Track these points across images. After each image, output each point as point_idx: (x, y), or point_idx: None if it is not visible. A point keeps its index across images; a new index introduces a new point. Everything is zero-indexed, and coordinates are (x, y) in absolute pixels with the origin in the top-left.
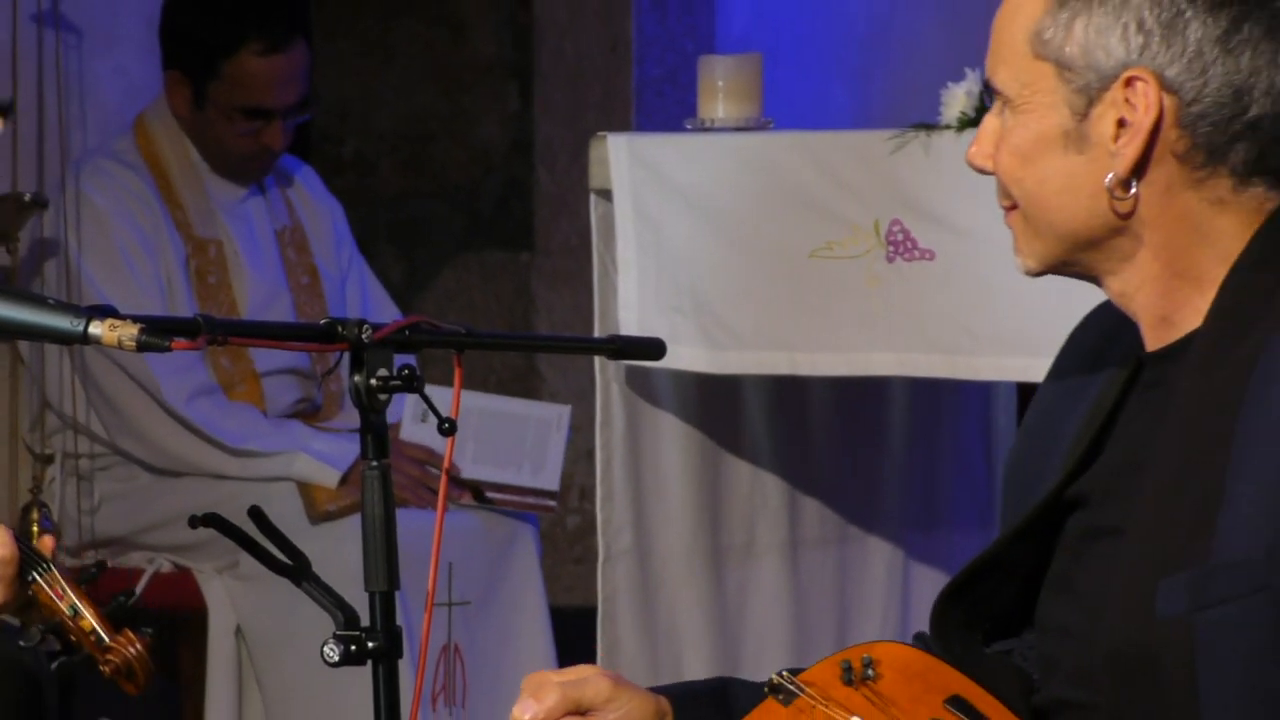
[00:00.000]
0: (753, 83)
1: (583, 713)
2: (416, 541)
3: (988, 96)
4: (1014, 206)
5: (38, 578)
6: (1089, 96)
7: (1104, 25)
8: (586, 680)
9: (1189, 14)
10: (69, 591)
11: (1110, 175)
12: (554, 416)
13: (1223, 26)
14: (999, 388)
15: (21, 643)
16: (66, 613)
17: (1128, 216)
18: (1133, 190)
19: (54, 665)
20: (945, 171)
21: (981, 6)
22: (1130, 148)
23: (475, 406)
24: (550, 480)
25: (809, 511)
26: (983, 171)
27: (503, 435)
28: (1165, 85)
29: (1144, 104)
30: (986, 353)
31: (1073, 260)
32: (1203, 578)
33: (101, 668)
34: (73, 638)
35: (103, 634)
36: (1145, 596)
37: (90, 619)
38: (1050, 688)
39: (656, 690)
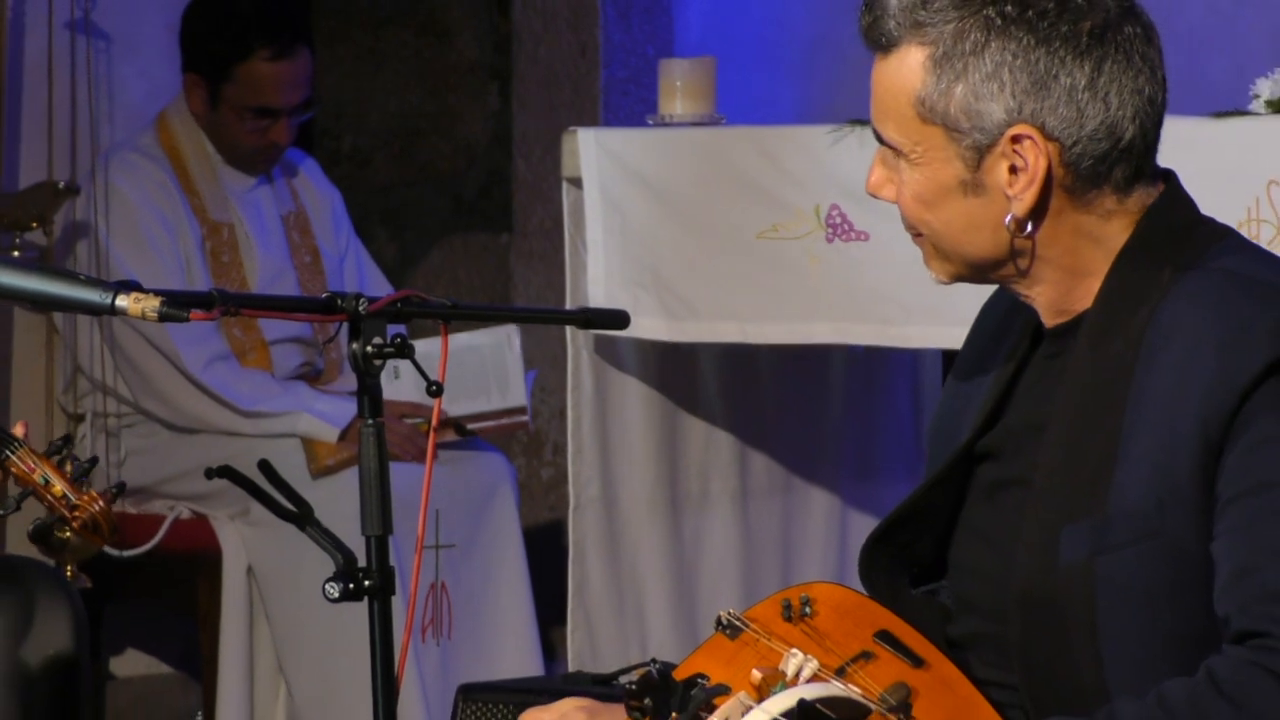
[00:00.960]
0: (707, 83)
1: None
2: (407, 491)
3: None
4: (918, 234)
5: (10, 454)
6: (979, 151)
7: (981, 90)
8: (566, 715)
9: (1056, 69)
10: (40, 464)
11: (1009, 216)
12: (503, 337)
13: (1087, 74)
14: (926, 354)
15: (0, 512)
16: (39, 482)
17: (1030, 242)
18: (1028, 229)
19: (30, 527)
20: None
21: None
22: (1028, 194)
23: (429, 351)
24: (517, 398)
25: (757, 464)
26: (878, 198)
27: (463, 368)
28: (1047, 134)
29: (1032, 156)
30: (915, 323)
31: (979, 278)
32: (1101, 526)
33: (71, 524)
34: (47, 502)
35: (71, 496)
36: (1050, 543)
37: (60, 485)
38: (965, 623)
39: (618, 675)
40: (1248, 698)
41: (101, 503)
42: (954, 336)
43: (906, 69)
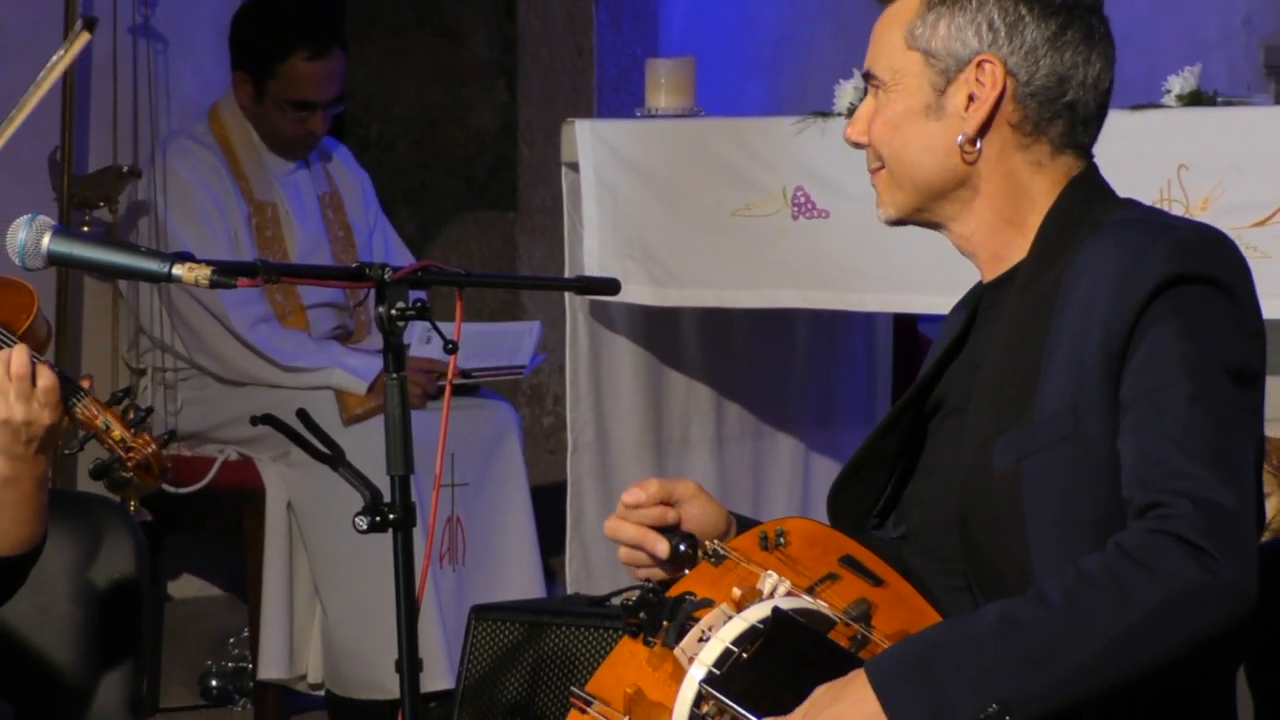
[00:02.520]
0: (687, 80)
1: (672, 504)
2: (426, 436)
3: (866, 85)
4: (881, 168)
5: (77, 402)
6: (947, 77)
7: (963, 24)
8: (680, 481)
9: (1027, 19)
10: (102, 411)
11: (961, 135)
12: (527, 328)
13: (1052, 30)
14: (879, 317)
15: (66, 451)
16: (100, 427)
17: (971, 168)
18: (978, 145)
19: (91, 466)
20: (838, 149)
21: (864, 21)
22: (979, 113)
23: (470, 331)
24: (522, 360)
25: (731, 413)
26: (857, 146)
27: (489, 344)
28: (1007, 70)
29: (991, 80)
30: (869, 290)
31: (925, 208)
32: (1026, 433)
33: (126, 464)
34: (107, 444)
35: (127, 439)
36: (984, 456)
37: (118, 429)
38: (917, 543)
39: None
40: (1153, 559)
41: (154, 446)
42: (904, 302)
43: (906, 6)
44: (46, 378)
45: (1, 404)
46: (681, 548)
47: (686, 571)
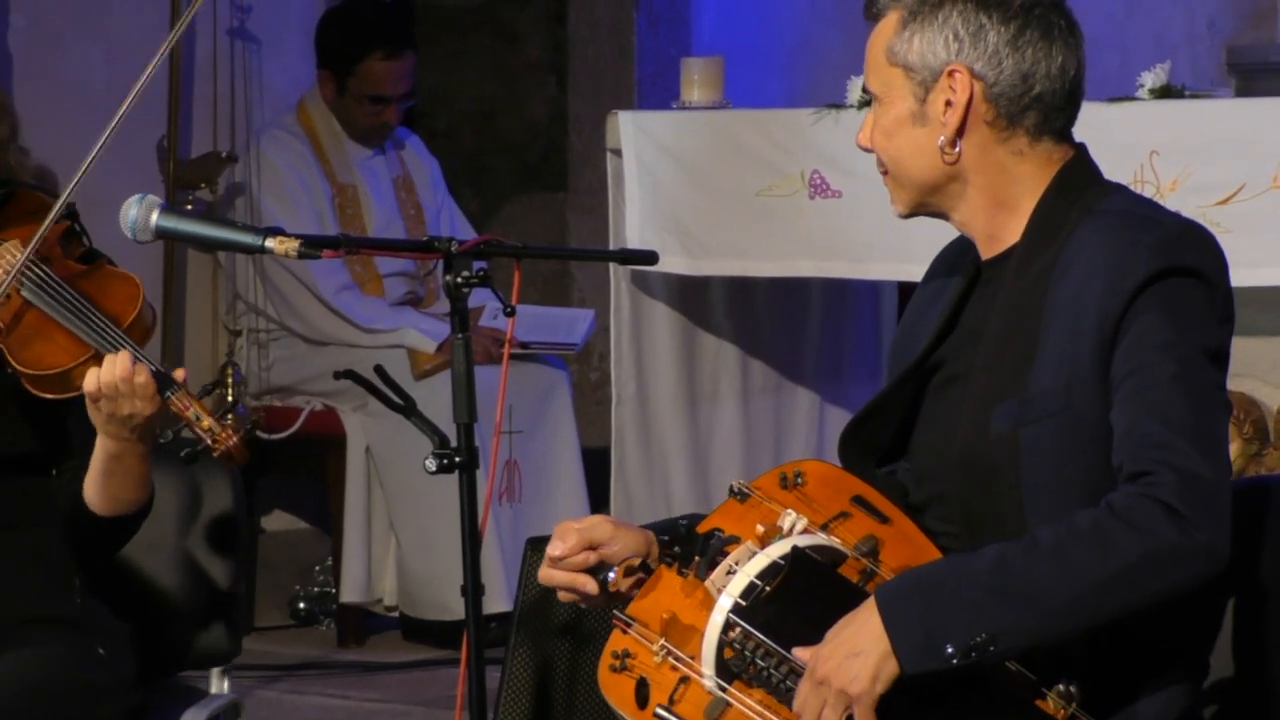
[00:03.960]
0: (717, 76)
1: (595, 548)
2: (487, 390)
3: (866, 96)
4: (887, 172)
5: (170, 395)
6: (926, 88)
7: (932, 38)
8: (595, 525)
9: (987, 26)
10: (193, 403)
11: (942, 137)
12: (584, 314)
13: (1011, 32)
14: (885, 285)
15: (160, 441)
16: (192, 418)
17: (956, 165)
18: (957, 147)
19: (182, 452)
20: (850, 137)
21: (870, 28)
22: (953, 117)
23: (534, 311)
24: (575, 339)
25: (755, 370)
26: (865, 149)
27: (548, 323)
28: (974, 75)
29: (961, 87)
30: (876, 261)
31: (926, 202)
32: (1024, 404)
33: (214, 451)
34: (196, 434)
35: (215, 429)
36: (983, 419)
37: (207, 420)
38: (920, 490)
39: (646, 527)
40: (1138, 519)
41: (236, 439)
42: (907, 271)
43: (886, 26)
44: (144, 375)
45: (109, 400)
46: (610, 575)
47: (617, 604)
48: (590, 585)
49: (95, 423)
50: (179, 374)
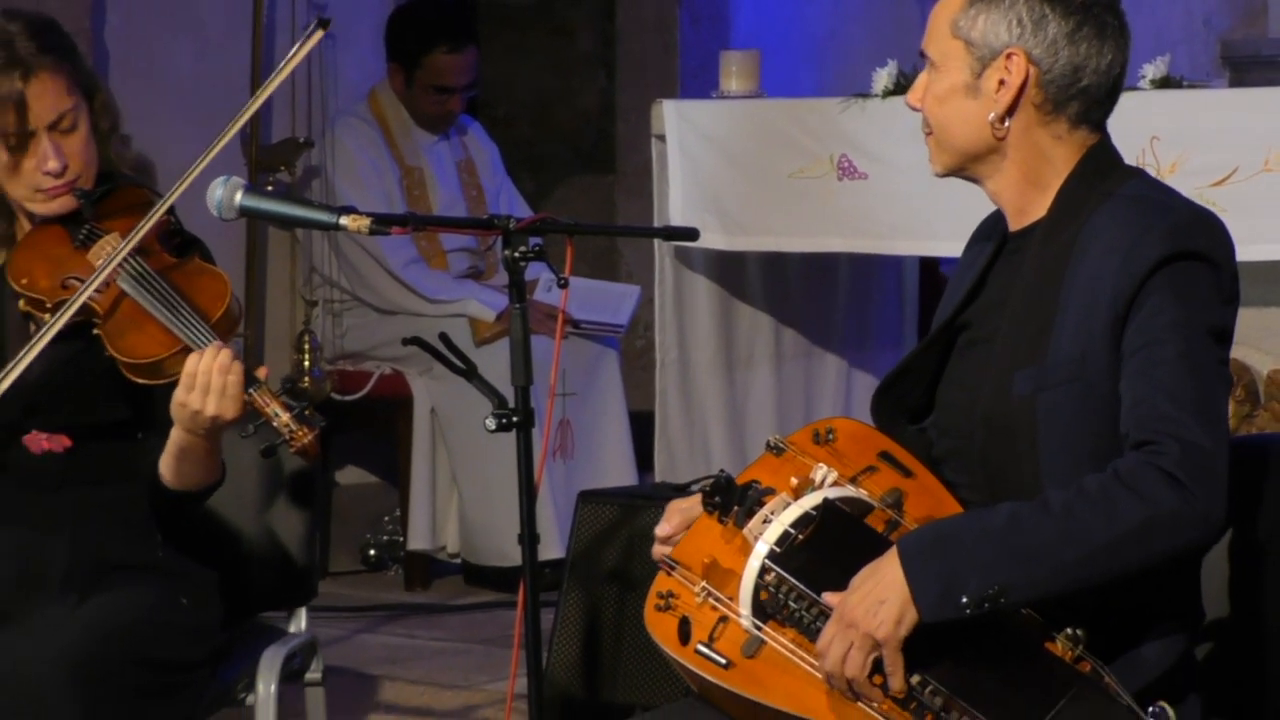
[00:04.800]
0: (753, 68)
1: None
2: (541, 356)
3: (920, 61)
4: (931, 133)
5: (253, 393)
6: (983, 64)
7: (996, 20)
8: (698, 504)
9: (1050, 17)
10: (272, 401)
11: (993, 113)
12: (630, 290)
13: (1070, 26)
14: (907, 260)
15: (241, 434)
16: (271, 415)
17: (1001, 141)
18: (1006, 124)
19: (262, 447)
20: (876, 124)
21: (895, 21)
22: (1006, 96)
23: (584, 285)
24: (622, 319)
25: (787, 337)
26: (914, 109)
27: (598, 298)
28: (1031, 60)
29: (1017, 70)
30: (899, 238)
31: (964, 167)
32: (1042, 371)
33: (290, 446)
34: (274, 429)
35: (293, 427)
36: (1004, 383)
37: (285, 417)
38: (943, 444)
39: None
40: (1141, 485)
41: (311, 436)
42: (928, 247)
43: (953, 1)
44: (236, 374)
45: (198, 397)
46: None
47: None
48: None
49: (175, 417)
50: (261, 372)
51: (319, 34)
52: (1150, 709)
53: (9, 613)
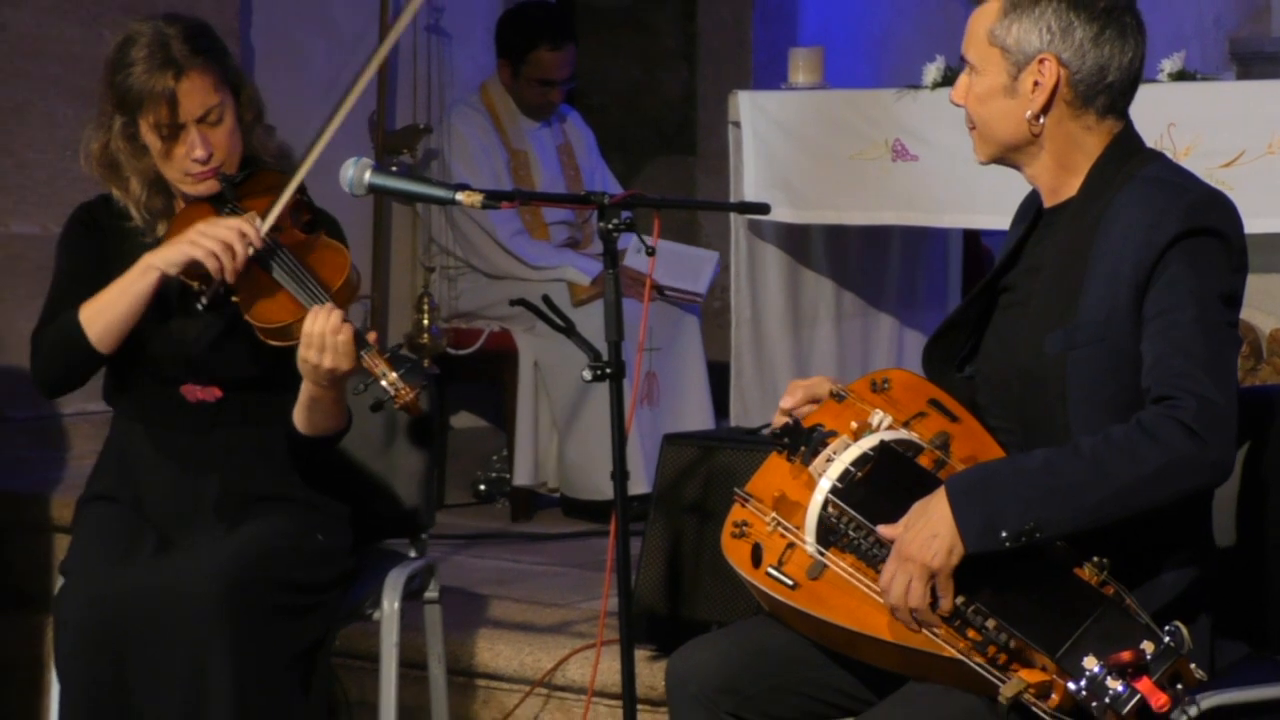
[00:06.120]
0: (817, 63)
1: (816, 401)
2: (631, 316)
3: (961, 64)
4: (974, 128)
5: (364, 355)
6: (1019, 67)
7: (1029, 28)
8: (817, 383)
9: (1076, 24)
10: (380, 362)
11: (1029, 112)
12: (710, 256)
13: (1094, 30)
14: (953, 231)
15: (354, 392)
16: (379, 374)
17: (1037, 135)
18: (1041, 120)
19: (371, 403)
20: (925, 112)
21: (945, 22)
22: (1041, 97)
23: (669, 248)
24: (702, 287)
25: (846, 299)
26: (957, 106)
27: (680, 263)
28: (1061, 63)
29: (1049, 72)
30: (946, 211)
31: (1004, 157)
32: (1071, 331)
33: (395, 402)
34: (382, 387)
35: (399, 385)
36: (1038, 342)
37: (393, 376)
38: (984, 392)
39: None
40: (1161, 434)
41: (413, 394)
42: (971, 220)
43: (989, 10)
44: (346, 334)
45: (315, 354)
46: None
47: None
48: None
49: (302, 371)
50: (371, 336)
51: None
52: (1166, 627)
53: (171, 539)
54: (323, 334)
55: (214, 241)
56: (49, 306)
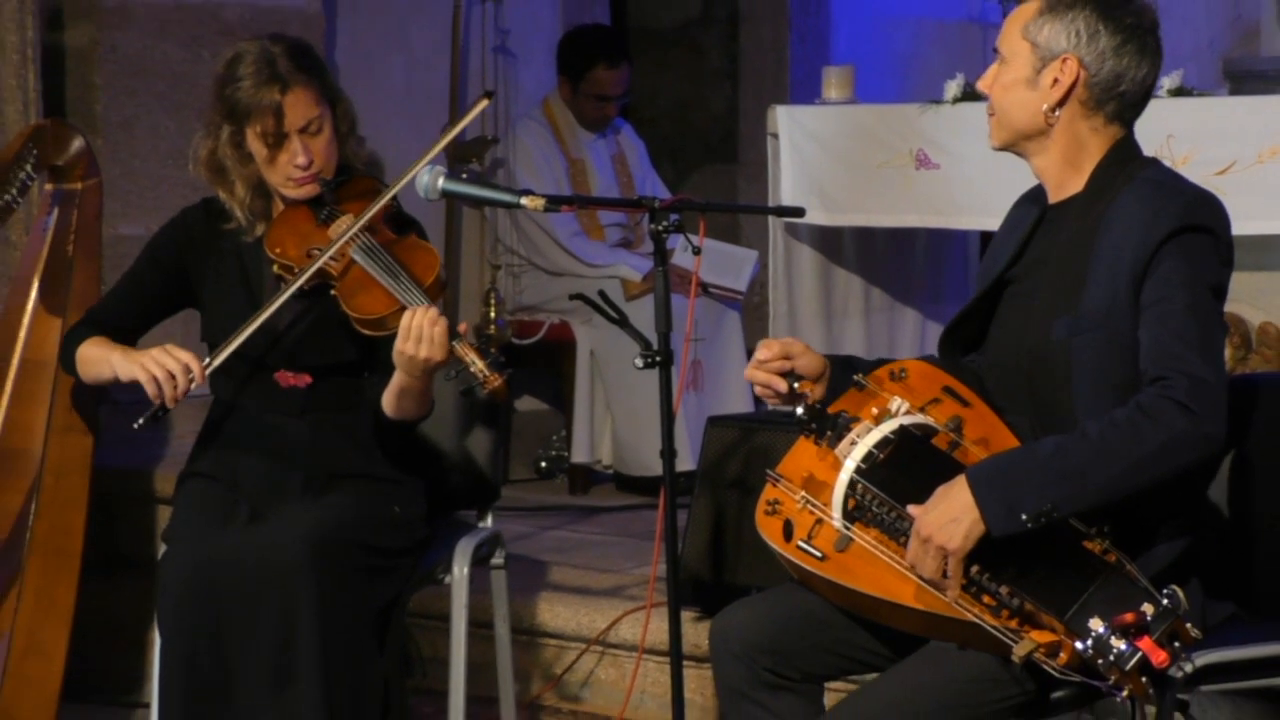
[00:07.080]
0: (849, 80)
1: (789, 358)
2: (679, 309)
3: (993, 55)
4: (994, 114)
5: (455, 344)
6: (1044, 62)
7: (1059, 29)
8: (791, 342)
9: (1102, 33)
10: (470, 351)
11: (1046, 104)
12: (750, 254)
13: (1117, 42)
14: (971, 233)
15: (445, 378)
16: (469, 362)
17: (1050, 127)
18: (1056, 114)
19: (461, 389)
20: (947, 124)
21: (962, 45)
22: (1058, 93)
23: (713, 246)
24: (742, 285)
25: (875, 294)
26: (983, 93)
27: (723, 261)
28: (1082, 65)
29: (1069, 72)
30: (965, 215)
31: (1016, 145)
32: (1075, 319)
33: (483, 390)
34: (471, 374)
35: (486, 373)
36: (1044, 329)
37: (481, 364)
38: (993, 375)
39: (825, 356)
40: (1157, 413)
41: (500, 381)
42: (987, 223)
43: (1028, 9)
44: (441, 326)
45: (413, 345)
46: (794, 386)
47: (797, 404)
48: (781, 384)
49: (396, 362)
50: (462, 327)
51: (484, 103)
52: (1163, 590)
53: (263, 512)
54: (420, 326)
55: (159, 369)
56: (97, 305)
